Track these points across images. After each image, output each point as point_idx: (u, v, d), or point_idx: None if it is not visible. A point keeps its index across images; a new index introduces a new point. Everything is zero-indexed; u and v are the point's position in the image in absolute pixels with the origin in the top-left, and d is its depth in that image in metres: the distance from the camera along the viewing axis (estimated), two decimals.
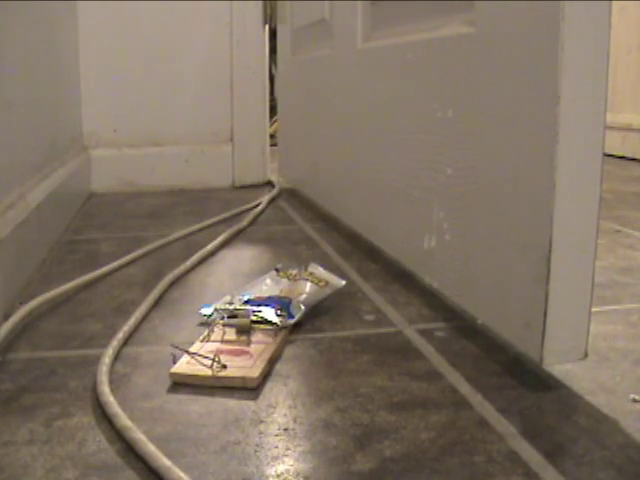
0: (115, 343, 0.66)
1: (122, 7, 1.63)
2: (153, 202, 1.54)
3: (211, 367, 0.60)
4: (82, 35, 1.62)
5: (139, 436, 0.49)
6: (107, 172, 1.68)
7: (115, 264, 0.96)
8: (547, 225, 0.57)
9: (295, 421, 0.53)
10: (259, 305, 0.73)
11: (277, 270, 0.84)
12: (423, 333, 0.72)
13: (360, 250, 1.06)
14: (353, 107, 1.12)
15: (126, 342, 0.69)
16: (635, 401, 0.56)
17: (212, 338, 0.67)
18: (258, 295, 0.77)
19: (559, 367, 0.62)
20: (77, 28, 1.61)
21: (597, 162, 0.56)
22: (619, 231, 1.19)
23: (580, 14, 0.54)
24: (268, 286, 0.80)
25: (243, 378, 0.59)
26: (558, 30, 0.54)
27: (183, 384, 0.60)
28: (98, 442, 0.50)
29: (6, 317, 0.72)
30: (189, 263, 0.97)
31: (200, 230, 1.21)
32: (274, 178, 1.76)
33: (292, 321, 0.71)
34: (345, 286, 0.81)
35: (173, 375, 0.60)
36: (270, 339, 0.67)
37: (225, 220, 1.30)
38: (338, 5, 1.19)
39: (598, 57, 0.55)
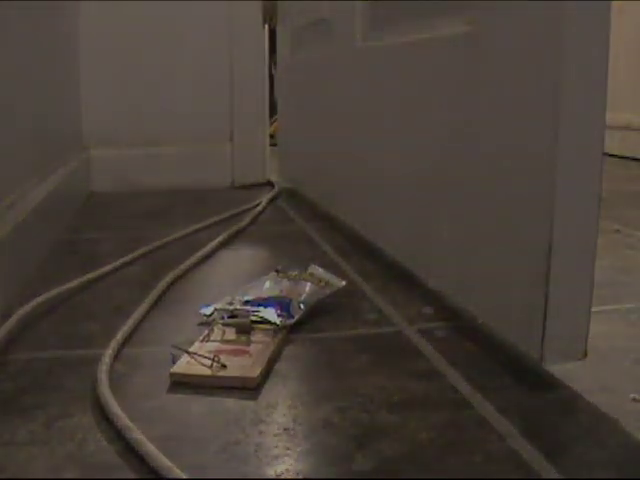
0: (115, 343, 0.66)
1: (122, 7, 1.63)
2: (153, 202, 1.54)
3: (211, 367, 0.60)
4: (82, 35, 1.62)
5: (139, 436, 0.49)
6: (107, 172, 1.68)
7: (115, 264, 0.96)
8: (547, 224, 0.57)
9: (295, 421, 0.53)
10: (259, 305, 0.73)
11: (277, 271, 0.84)
12: (423, 333, 0.71)
13: (360, 250, 1.06)
14: (353, 106, 1.12)
15: (126, 342, 0.69)
16: (635, 400, 0.56)
17: (212, 338, 0.67)
18: (258, 295, 0.77)
19: (559, 366, 0.62)
20: (77, 28, 1.61)
21: (597, 161, 0.56)
22: (619, 230, 1.19)
23: (580, 14, 0.54)
24: (268, 287, 0.80)
25: (243, 378, 0.59)
26: (559, 30, 0.54)
27: (183, 384, 0.59)
28: (98, 442, 0.50)
29: (5, 317, 0.72)
30: (189, 263, 0.97)
31: (200, 230, 1.21)
32: (274, 178, 1.76)
33: (292, 321, 0.71)
34: (345, 286, 0.81)
35: (173, 375, 0.60)
36: (270, 339, 0.67)
37: (225, 220, 1.30)
38: (338, 4, 1.19)
39: (598, 56, 0.55)
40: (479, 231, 0.69)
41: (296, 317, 0.72)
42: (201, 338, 0.67)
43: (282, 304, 0.73)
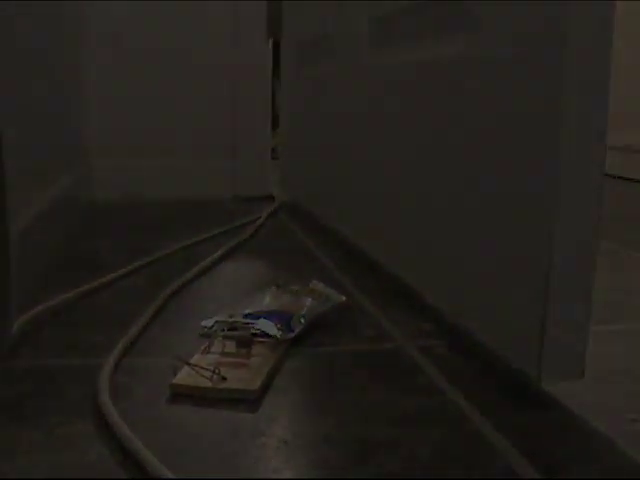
0: (116, 353, 0.67)
1: (125, 14, 1.64)
2: (154, 213, 1.54)
3: (211, 379, 0.60)
4: (84, 44, 1.63)
5: (139, 446, 0.49)
6: (109, 182, 1.68)
7: (116, 274, 0.97)
8: (546, 243, 0.57)
9: (294, 434, 0.54)
10: (259, 318, 0.73)
11: (278, 286, 0.84)
12: (423, 349, 0.72)
13: (361, 265, 1.06)
14: (355, 122, 1.13)
15: (127, 352, 0.69)
16: (633, 421, 0.57)
17: (212, 350, 0.67)
18: (259, 309, 0.77)
19: (558, 386, 0.62)
20: (79, 34, 1.62)
21: (597, 181, 0.57)
22: (619, 251, 1.19)
23: (582, 33, 0.55)
24: (269, 301, 0.80)
25: (243, 390, 0.59)
26: (559, 49, 0.55)
27: (183, 395, 0.60)
28: (98, 451, 0.50)
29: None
30: (190, 275, 0.97)
31: (201, 242, 1.22)
32: (275, 191, 1.77)
33: (292, 335, 0.71)
34: (345, 301, 0.81)
35: (173, 386, 0.60)
36: (270, 352, 0.67)
37: (226, 232, 1.30)
38: (342, 20, 1.20)
39: (600, 75, 0.55)
40: (479, 249, 0.70)
41: (296, 331, 0.72)
42: (201, 350, 0.67)
43: (283, 318, 0.73)
